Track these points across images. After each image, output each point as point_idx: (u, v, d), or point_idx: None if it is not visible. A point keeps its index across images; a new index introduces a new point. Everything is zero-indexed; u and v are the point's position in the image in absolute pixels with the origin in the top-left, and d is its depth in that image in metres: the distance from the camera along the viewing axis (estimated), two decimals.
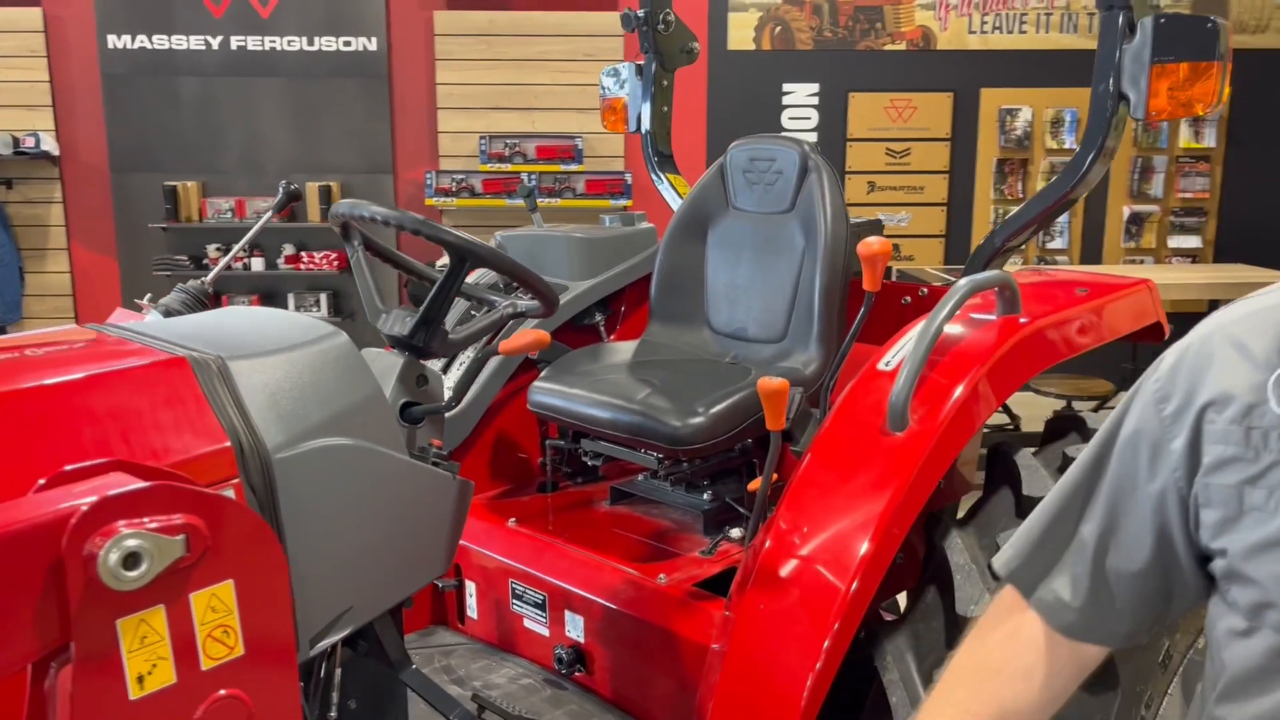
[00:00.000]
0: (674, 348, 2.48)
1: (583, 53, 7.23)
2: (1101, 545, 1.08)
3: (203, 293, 2.26)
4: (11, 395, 1.17)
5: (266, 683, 1.06)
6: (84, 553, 0.92)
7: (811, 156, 2.36)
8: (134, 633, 0.96)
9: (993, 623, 1.16)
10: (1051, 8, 7.20)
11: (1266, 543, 0.93)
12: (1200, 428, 0.99)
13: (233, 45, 7.24)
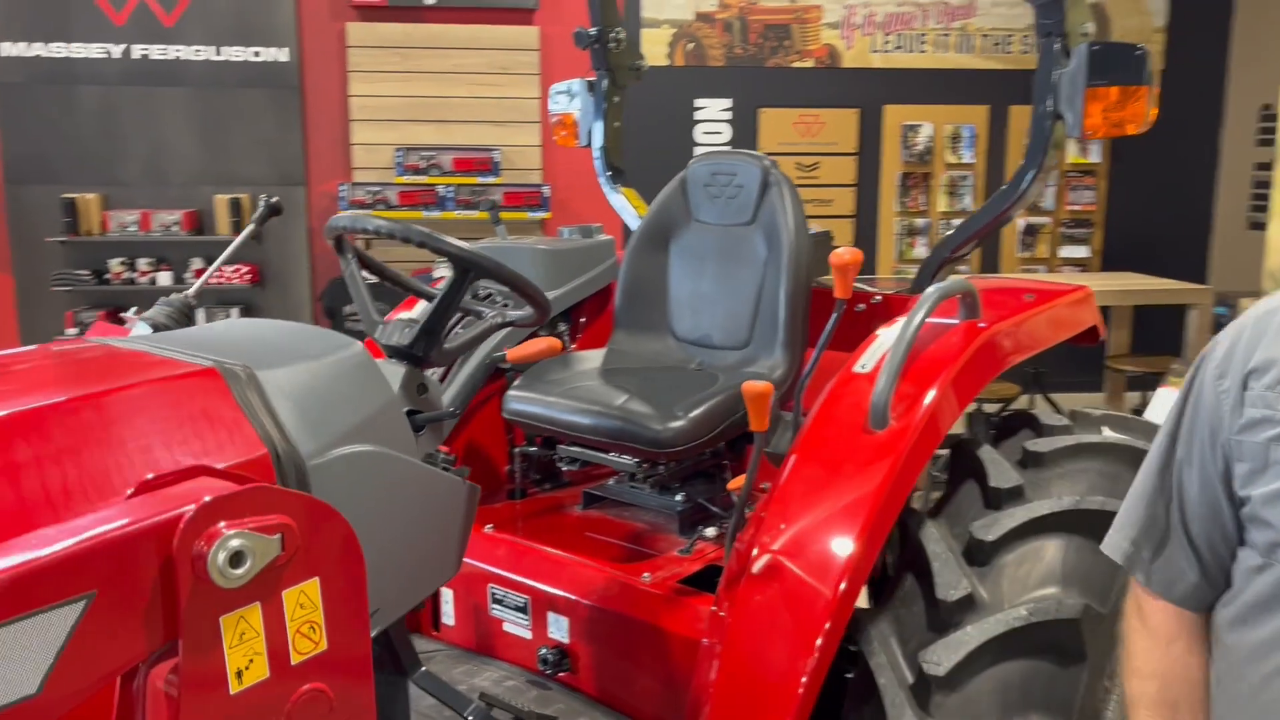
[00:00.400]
0: (640, 355, 2.56)
1: (498, 66, 7.26)
2: (1187, 515, 1.20)
3: (186, 306, 2.24)
4: (67, 407, 1.19)
5: (345, 677, 1.10)
6: (193, 552, 0.96)
7: (772, 171, 2.48)
8: (234, 629, 1.00)
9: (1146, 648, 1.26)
10: (949, 29, 7.53)
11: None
12: (1245, 388, 1.11)
13: (135, 54, 7.05)
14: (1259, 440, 1.10)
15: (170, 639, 0.98)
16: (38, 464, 1.07)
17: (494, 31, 7.20)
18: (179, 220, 7.12)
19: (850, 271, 2.01)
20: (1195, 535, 1.20)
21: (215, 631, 0.98)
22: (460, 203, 7.21)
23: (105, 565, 0.92)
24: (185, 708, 0.97)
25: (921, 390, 1.88)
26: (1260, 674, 1.10)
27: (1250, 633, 1.12)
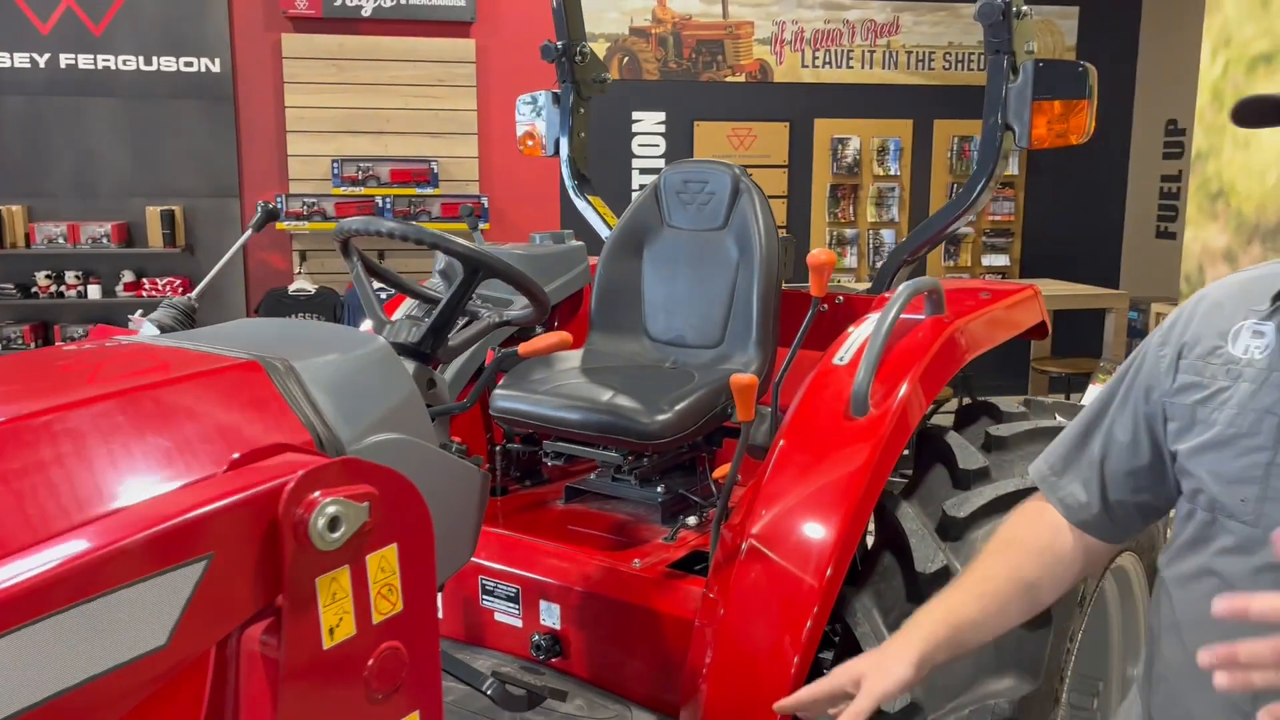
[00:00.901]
0: (617, 355, 2.67)
1: (435, 78, 7.31)
2: (1104, 453, 1.41)
3: (190, 308, 2.28)
4: (133, 395, 1.26)
5: (417, 636, 1.19)
6: (295, 518, 1.04)
7: (742, 179, 2.62)
8: (328, 589, 1.08)
9: (1021, 510, 1.49)
10: (874, 46, 7.81)
11: (1203, 446, 1.28)
12: (1179, 360, 1.33)
13: (62, 63, 6.94)
14: (1187, 403, 1.31)
15: (272, 598, 1.06)
16: (119, 445, 1.14)
17: (430, 44, 7.25)
18: (108, 232, 7.01)
19: (825, 271, 2.16)
20: (1109, 471, 1.41)
21: (312, 591, 1.07)
22: (398, 214, 7.23)
23: (222, 529, 1.00)
24: (286, 660, 1.05)
25: (897, 379, 2.03)
26: (1188, 599, 1.30)
27: (1180, 566, 1.32)
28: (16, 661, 0.85)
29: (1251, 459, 1.24)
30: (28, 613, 0.86)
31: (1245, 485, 1.24)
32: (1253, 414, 1.24)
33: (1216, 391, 1.28)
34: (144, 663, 0.95)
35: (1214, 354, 1.29)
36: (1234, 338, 1.29)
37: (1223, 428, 1.26)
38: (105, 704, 0.93)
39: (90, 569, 0.90)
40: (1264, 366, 1.25)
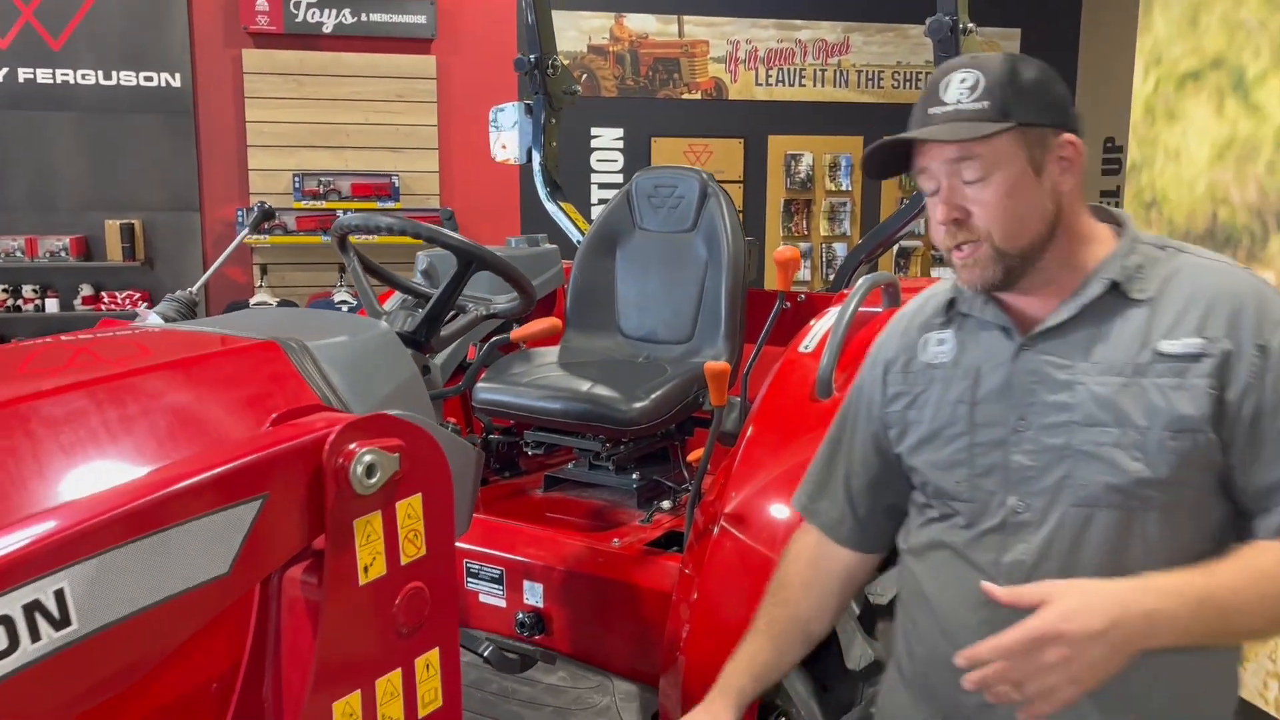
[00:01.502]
0: (591, 351, 2.81)
1: (395, 93, 7.41)
2: (848, 472, 1.64)
3: (192, 301, 2.37)
4: (170, 368, 1.37)
5: (439, 578, 1.31)
6: (336, 464, 1.16)
7: (710, 184, 2.78)
8: (363, 531, 1.20)
9: (786, 554, 1.72)
10: (826, 65, 8.05)
11: (917, 443, 1.51)
12: (886, 377, 1.57)
13: (20, 77, 6.93)
14: (899, 409, 1.54)
15: (314, 537, 1.17)
16: (175, 405, 1.25)
17: (391, 60, 7.35)
18: (67, 246, 7.00)
19: (791, 268, 2.32)
20: (855, 488, 1.63)
21: (350, 531, 1.19)
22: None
23: (275, 472, 1.12)
24: (327, 594, 1.17)
25: (857, 364, 2.17)
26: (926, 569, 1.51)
27: (916, 542, 1.54)
28: (108, 579, 0.96)
29: (955, 445, 1.45)
30: (118, 537, 0.97)
31: (956, 469, 1.45)
32: (948, 406, 1.47)
33: (918, 395, 1.51)
34: (209, 588, 1.06)
35: (910, 365, 1.54)
36: (923, 348, 1.53)
37: (928, 424, 1.49)
38: (175, 625, 1.05)
39: (168, 501, 1.01)
40: (949, 364, 1.49)
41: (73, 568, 0.94)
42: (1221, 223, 3.49)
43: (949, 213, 1.37)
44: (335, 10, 7.25)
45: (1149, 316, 1.35)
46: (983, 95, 1.35)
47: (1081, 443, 1.34)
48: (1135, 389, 1.32)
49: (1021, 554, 1.38)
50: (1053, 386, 1.38)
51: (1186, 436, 1.30)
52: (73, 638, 0.94)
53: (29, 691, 0.92)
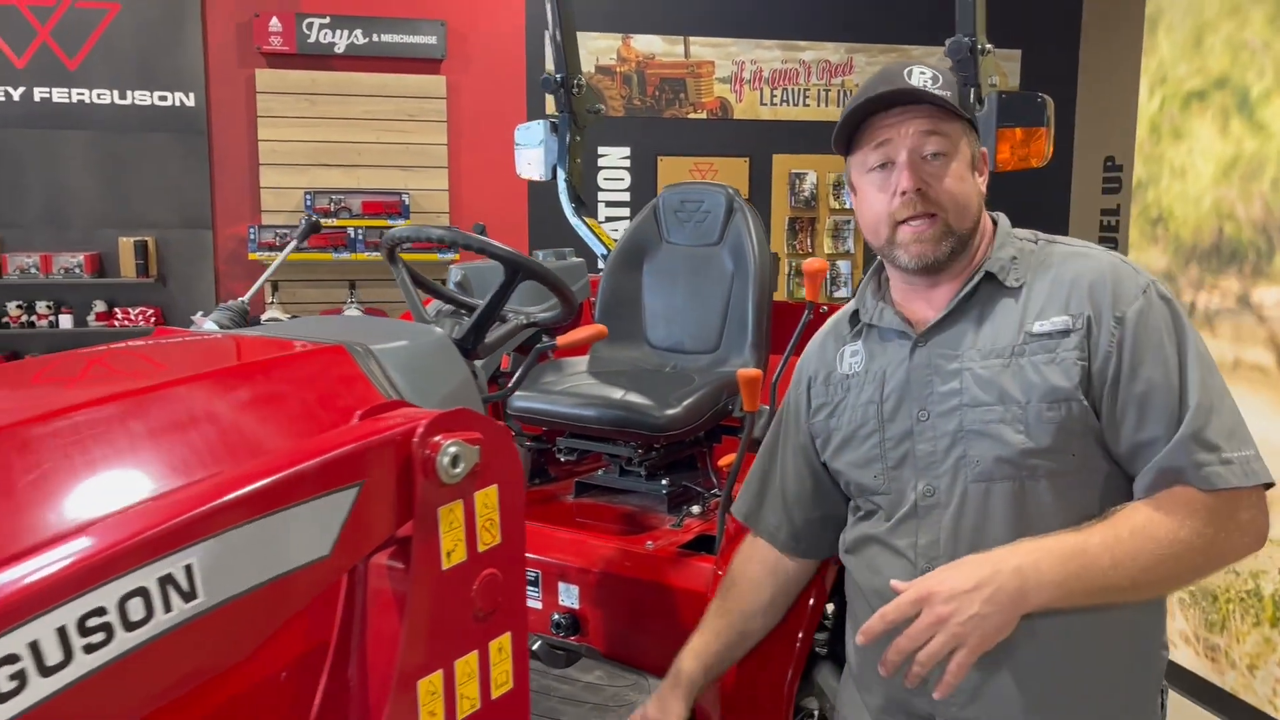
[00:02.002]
0: (620, 361, 2.89)
1: (406, 113, 7.52)
2: (783, 484, 1.78)
3: (243, 310, 2.45)
4: (248, 370, 1.45)
5: (511, 566, 1.38)
6: (424, 455, 1.24)
7: (736, 199, 2.87)
8: (447, 518, 1.27)
9: (739, 552, 1.86)
10: (829, 85, 8.18)
11: (839, 447, 1.65)
12: (809, 391, 1.72)
13: (36, 96, 7.04)
14: (821, 419, 1.69)
15: (402, 523, 1.25)
16: (265, 402, 1.33)
17: (402, 80, 7.46)
18: (81, 263, 7.09)
19: (819, 278, 2.40)
20: (790, 499, 1.77)
21: (435, 518, 1.26)
22: (369, 244, 7.38)
23: (370, 461, 1.19)
24: (414, 577, 1.24)
25: None
26: (859, 565, 1.64)
27: (849, 542, 1.67)
28: (229, 556, 1.04)
29: (870, 443, 1.59)
30: (239, 517, 1.05)
31: (873, 464, 1.59)
32: (861, 409, 1.61)
33: (837, 404, 1.66)
34: (312, 569, 1.13)
35: (830, 378, 1.69)
36: (839, 361, 1.68)
37: (846, 428, 1.63)
38: (281, 602, 1.12)
39: (282, 485, 1.09)
40: (861, 372, 1.63)
41: (200, 544, 1.01)
42: (1227, 238, 3.58)
43: (915, 182, 1.48)
44: (347, 31, 7.37)
45: (1023, 303, 1.50)
46: (945, 87, 1.51)
47: (971, 422, 1.47)
48: (1014, 368, 1.46)
49: (934, 534, 1.51)
50: (944, 376, 1.51)
51: (1061, 406, 1.42)
52: (198, 610, 1.01)
53: (161, 660, 0.99)
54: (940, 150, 1.50)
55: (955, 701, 1.49)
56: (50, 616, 0.90)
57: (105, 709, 0.96)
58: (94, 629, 0.93)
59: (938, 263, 1.52)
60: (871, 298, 1.66)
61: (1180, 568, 1.40)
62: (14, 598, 0.88)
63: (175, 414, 1.21)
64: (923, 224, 1.50)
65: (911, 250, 1.52)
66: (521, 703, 1.42)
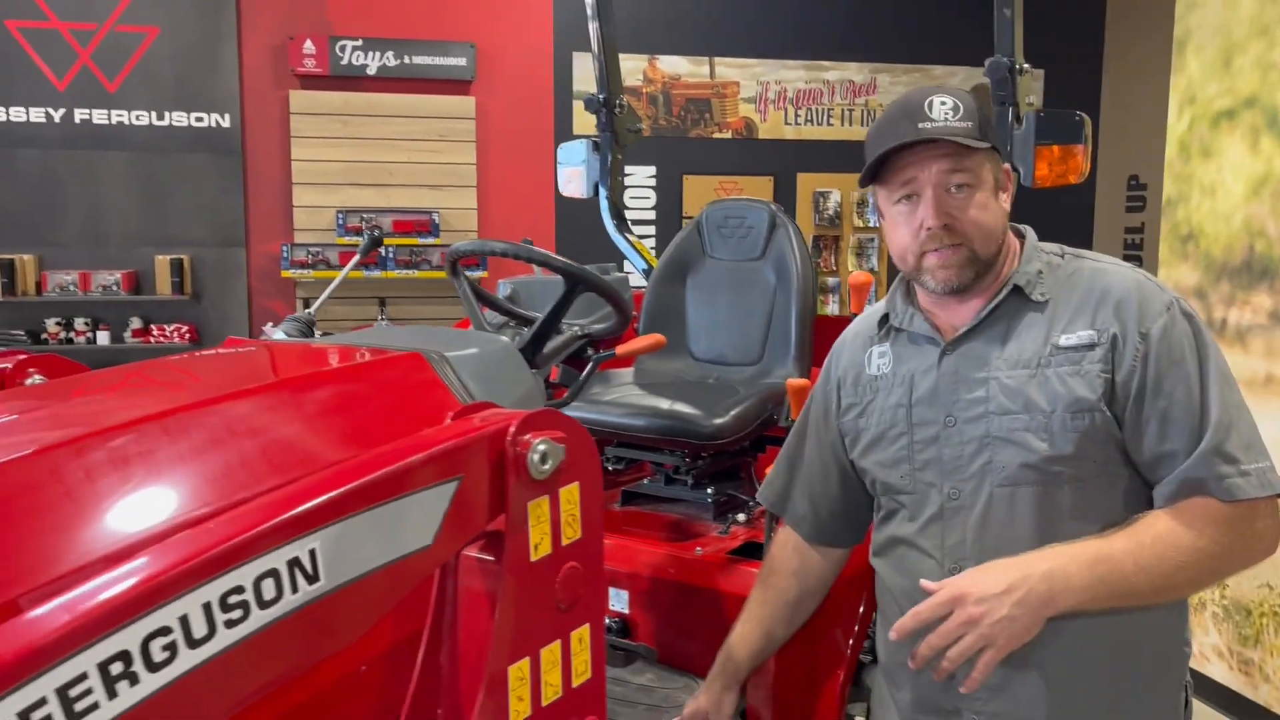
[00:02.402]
0: (664, 373, 2.96)
1: (436, 133, 7.64)
2: (809, 476, 1.85)
3: (310, 321, 2.53)
4: (343, 374, 1.53)
5: (590, 560, 1.45)
6: (515, 451, 1.31)
7: (779, 215, 2.94)
8: (535, 513, 1.35)
9: (775, 540, 1.94)
10: (853, 105, 8.26)
11: (867, 446, 1.71)
12: (839, 391, 1.77)
13: (77, 118, 7.19)
14: (851, 419, 1.75)
15: (495, 516, 1.32)
16: (361, 402, 1.41)
17: (432, 101, 7.59)
18: (119, 280, 7.23)
19: (864, 290, 2.47)
20: (814, 492, 1.84)
21: (525, 512, 1.33)
22: (400, 262, 7.50)
23: (468, 457, 1.26)
24: (506, 567, 1.31)
25: None
26: (887, 568, 1.71)
27: (877, 545, 1.74)
28: (347, 542, 1.11)
29: (898, 445, 1.65)
30: (356, 506, 1.12)
31: (899, 465, 1.65)
32: (890, 411, 1.67)
33: (867, 404, 1.72)
34: (416, 558, 1.20)
35: (859, 378, 1.74)
36: (868, 362, 1.73)
37: (875, 428, 1.69)
38: (389, 589, 1.19)
39: (393, 477, 1.16)
40: (889, 374, 1.69)
41: (323, 530, 1.08)
42: (1258, 255, 3.63)
43: (940, 218, 1.55)
44: (379, 53, 7.50)
45: (1049, 316, 1.56)
46: (965, 117, 1.54)
47: (998, 429, 1.54)
48: (1040, 379, 1.52)
49: (960, 534, 1.57)
50: (971, 384, 1.58)
51: (1085, 416, 1.49)
52: (319, 592, 1.09)
53: (287, 638, 1.06)
54: (964, 183, 1.55)
55: (981, 696, 1.56)
56: (198, 592, 0.97)
57: (240, 683, 1.04)
58: (234, 605, 1.00)
59: (963, 286, 1.60)
60: (901, 302, 1.72)
61: (1200, 573, 1.48)
62: (168, 575, 0.95)
63: (281, 413, 1.29)
64: (948, 252, 1.56)
65: (938, 276, 1.59)
66: (599, 693, 1.49)
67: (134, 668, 0.92)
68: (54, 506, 1.05)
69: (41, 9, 7.02)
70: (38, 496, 1.06)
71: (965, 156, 1.55)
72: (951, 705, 1.60)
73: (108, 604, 0.91)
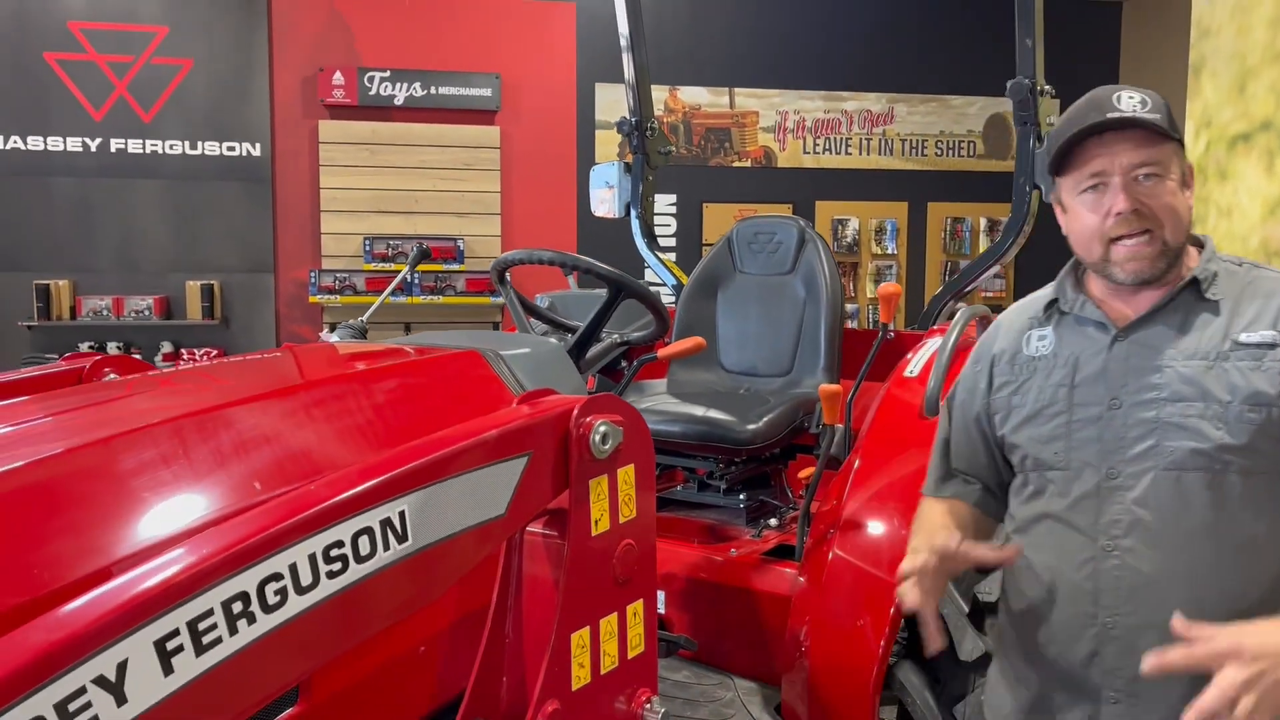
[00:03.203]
0: (696, 384, 3.05)
1: (462, 162, 7.79)
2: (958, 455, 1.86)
3: (362, 329, 2.64)
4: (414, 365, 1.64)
5: (643, 538, 1.54)
6: (579, 431, 1.41)
7: (808, 231, 3.05)
8: (595, 490, 1.44)
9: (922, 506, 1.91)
10: (871, 134, 8.39)
11: (1021, 422, 1.72)
12: (992, 369, 1.79)
13: (112, 148, 7.37)
14: (1004, 395, 1.76)
15: (559, 492, 1.41)
16: (439, 388, 1.51)
17: (458, 130, 7.75)
18: (150, 305, 7.38)
19: (894, 301, 2.56)
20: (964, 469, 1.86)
21: (586, 489, 1.42)
22: (425, 288, 7.63)
23: (537, 435, 1.36)
24: (570, 540, 1.40)
25: None
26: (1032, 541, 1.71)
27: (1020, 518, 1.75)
28: (431, 507, 1.21)
29: (1056, 421, 1.68)
30: (439, 474, 1.22)
31: (1055, 441, 1.68)
32: (1050, 389, 1.70)
33: (1022, 383, 1.74)
34: (490, 526, 1.30)
35: (1016, 357, 1.77)
36: (1026, 343, 1.76)
37: (1031, 405, 1.72)
38: (466, 553, 1.28)
39: (473, 449, 1.26)
40: (1050, 355, 1.72)
41: (411, 494, 1.18)
42: None
43: (1131, 203, 1.59)
44: (406, 84, 7.68)
45: (1228, 315, 1.60)
46: (1154, 110, 1.59)
47: (1170, 415, 1.58)
48: (1218, 370, 1.57)
49: (1118, 514, 1.61)
50: (1144, 370, 1.62)
51: (1262, 410, 1.54)
52: (407, 551, 1.18)
53: (378, 592, 1.16)
54: (1153, 172, 1.59)
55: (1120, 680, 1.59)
56: (305, 544, 1.07)
57: (339, 631, 1.13)
58: (335, 558, 1.10)
59: (1155, 276, 1.63)
60: (1071, 289, 1.76)
61: None
62: (280, 527, 1.05)
63: (372, 397, 1.40)
64: (1139, 242, 1.60)
65: (1128, 268, 1.63)
66: (651, 666, 1.57)
67: (251, 608, 1.01)
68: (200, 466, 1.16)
69: (80, 42, 7.22)
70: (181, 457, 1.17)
71: (1154, 147, 1.58)
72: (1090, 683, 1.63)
73: (227, 550, 1.00)
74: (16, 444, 1.24)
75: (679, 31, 7.84)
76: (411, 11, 7.68)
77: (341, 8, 7.62)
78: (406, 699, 1.46)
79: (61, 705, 0.86)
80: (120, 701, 0.90)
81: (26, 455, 1.18)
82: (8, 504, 1.12)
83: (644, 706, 1.53)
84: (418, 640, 1.38)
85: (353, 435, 1.34)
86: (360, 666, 1.34)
